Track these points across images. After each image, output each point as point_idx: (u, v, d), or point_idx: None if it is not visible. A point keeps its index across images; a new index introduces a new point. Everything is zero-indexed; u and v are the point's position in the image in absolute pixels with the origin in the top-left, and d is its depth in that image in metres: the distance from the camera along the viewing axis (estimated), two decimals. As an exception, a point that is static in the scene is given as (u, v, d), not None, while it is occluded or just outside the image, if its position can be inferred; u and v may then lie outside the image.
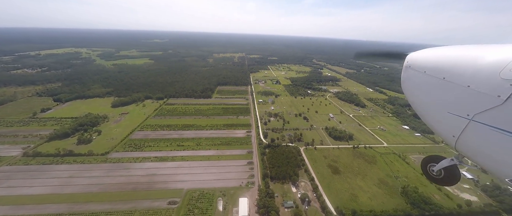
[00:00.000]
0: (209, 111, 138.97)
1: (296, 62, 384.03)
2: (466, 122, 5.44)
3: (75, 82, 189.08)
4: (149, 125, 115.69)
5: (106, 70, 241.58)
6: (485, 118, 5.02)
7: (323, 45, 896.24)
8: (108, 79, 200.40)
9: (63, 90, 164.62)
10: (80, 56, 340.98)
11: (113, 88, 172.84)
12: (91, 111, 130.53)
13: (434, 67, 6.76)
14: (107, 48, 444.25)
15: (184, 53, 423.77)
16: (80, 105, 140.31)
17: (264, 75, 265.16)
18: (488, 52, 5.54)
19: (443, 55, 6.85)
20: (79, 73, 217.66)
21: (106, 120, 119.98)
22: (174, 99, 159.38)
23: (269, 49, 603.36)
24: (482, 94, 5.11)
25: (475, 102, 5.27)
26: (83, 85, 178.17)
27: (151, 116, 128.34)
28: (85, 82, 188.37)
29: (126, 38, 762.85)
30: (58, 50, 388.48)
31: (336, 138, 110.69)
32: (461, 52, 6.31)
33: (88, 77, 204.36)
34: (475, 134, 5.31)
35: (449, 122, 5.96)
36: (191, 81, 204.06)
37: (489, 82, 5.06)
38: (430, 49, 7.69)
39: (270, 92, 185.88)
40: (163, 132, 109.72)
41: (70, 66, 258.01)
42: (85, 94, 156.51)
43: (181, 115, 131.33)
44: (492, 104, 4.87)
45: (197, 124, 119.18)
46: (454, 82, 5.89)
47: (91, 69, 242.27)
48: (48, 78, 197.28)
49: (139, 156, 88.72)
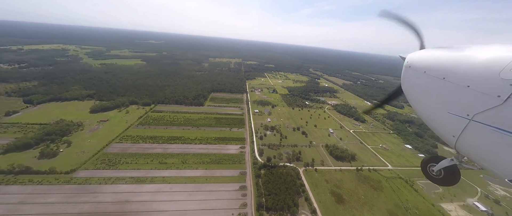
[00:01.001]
0: (200, 121, 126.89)
1: (293, 71, 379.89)
2: (466, 122, 5.42)
3: (53, 81, 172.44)
4: (130, 136, 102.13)
5: (91, 70, 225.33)
6: (485, 118, 5.00)
7: (319, 55, 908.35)
8: (92, 80, 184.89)
9: (37, 90, 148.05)
10: (66, 54, 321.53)
11: (95, 91, 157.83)
12: (64, 116, 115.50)
13: (434, 67, 6.76)
14: (97, 47, 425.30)
15: (179, 56, 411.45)
16: (54, 109, 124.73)
17: (260, 83, 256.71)
18: (488, 52, 5.49)
19: (443, 55, 6.78)
20: (61, 72, 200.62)
21: (80, 128, 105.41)
22: (163, 106, 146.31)
23: (266, 56, 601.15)
24: (482, 94, 5.10)
25: (475, 102, 5.26)
26: (62, 86, 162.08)
27: (133, 125, 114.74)
28: (65, 82, 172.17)
29: (120, 37, 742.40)
30: (44, 46, 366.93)
31: (337, 157, 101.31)
32: (461, 52, 6.24)
33: (70, 77, 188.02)
34: (475, 134, 5.29)
35: (449, 122, 5.95)
36: (183, 87, 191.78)
37: (489, 82, 5.05)
38: (430, 49, 7.62)
39: (267, 102, 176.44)
40: (145, 145, 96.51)
41: (52, 64, 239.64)
42: (62, 96, 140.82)
43: (168, 124, 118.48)
44: (492, 104, 4.86)
45: (185, 136, 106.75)
46: (454, 82, 5.89)
47: (75, 68, 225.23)
48: (24, 76, 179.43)
49: (112, 176, 75.17)
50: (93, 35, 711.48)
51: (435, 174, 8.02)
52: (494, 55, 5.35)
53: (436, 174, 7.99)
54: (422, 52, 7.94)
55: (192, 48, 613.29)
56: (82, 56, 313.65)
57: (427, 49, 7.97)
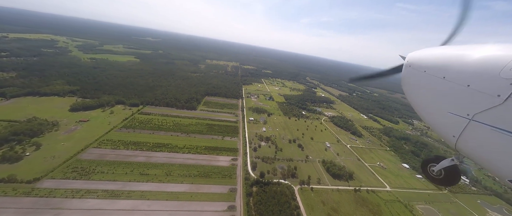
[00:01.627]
0: (190, 127, 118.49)
1: (290, 78, 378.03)
2: (466, 122, 5.41)
3: (34, 74, 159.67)
4: (111, 141, 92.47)
5: (79, 64, 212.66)
6: (485, 118, 4.99)
7: (315, 64, 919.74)
8: (78, 75, 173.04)
9: (14, 82, 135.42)
10: (55, 45, 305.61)
11: (79, 87, 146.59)
12: (39, 113, 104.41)
13: (434, 67, 6.73)
14: (90, 40, 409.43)
15: (175, 56, 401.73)
16: (28, 105, 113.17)
17: (257, 89, 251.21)
18: (488, 52, 5.47)
19: (443, 55, 6.76)
20: (44, 64, 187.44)
21: (54, 128, 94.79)
22: (152, 108, 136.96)
23: (264, 62, 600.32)
24: (482, 94, 5.09)
25: (475, 102, 5.25)
26: (43, 79, 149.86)
27: (117, 128, 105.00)
28: (47, 76, 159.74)
29: (115, 32, 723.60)
30: (32, 35, 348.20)
31: (334, 175, 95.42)
32: (461, 52, 6.20)
33: (54, 70, 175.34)
34: (475, 134, 5.27)
35: (449, 121, 5.93)
36: (176, 88, 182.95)
37: (489, 82, 5.04)
38: (430, 49, 7.55)
39: (263, 109, 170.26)
40: (126, 151, 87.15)
41: (37, 55, 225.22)
42: (40, 91, 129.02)
43: (155, 129, 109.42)
44: (492, 104, 4.85)
45: (173, 144, 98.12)
46: (454, 82, 5.88)
47: (61, 61, 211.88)
48: (3, 66, 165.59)
49: (82, 188, 65.63)
50: (86, 28, 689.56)
51: (435, 174, 7.94)
52: (494, 55, 5.27)
53: (436, 174, 7.91)
54: (423, 51, 7.82)
55: (190, 48, 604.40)
56: (71, 49, 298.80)
57: (427, 49, 7.85)
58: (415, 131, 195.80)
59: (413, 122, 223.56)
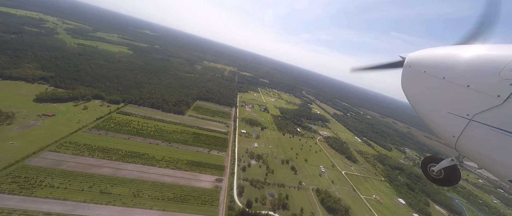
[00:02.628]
0: (174, 135, 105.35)
1: (287, 91, 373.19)
2: (466, 122, 5.41)
3: (6, 52, 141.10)
4: (74, 144, 77.71)
5: (63, 48, 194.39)
6: (485, 118, 5.01)
7: (312, 79, 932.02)
8: (57, 60, 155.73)
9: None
10: (42, 24, 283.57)
11: (55, 73, 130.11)
12: (3, 99, 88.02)
13: (434, 67, 6.75)
14: (83, 25, 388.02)
15: (172, 53, 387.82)
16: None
17: (252, 97, 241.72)
18: (488, 52, 5.47)
19: (443, 55, 6.77)
20: (21, 43, 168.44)
21: (7, 121, 78.75)
22: (134, 107, 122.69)
23: (262, 70, 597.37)
24: (482, 94, 5.10)
25: (475, 102, 5.26)
26: (13, 60, 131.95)
27: (87, 127, 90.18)
28: (20, 56, 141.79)
29: (113, 20, 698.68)
30: (19, 11, 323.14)
31: (329, 209, 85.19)
32: (461, 52, 6.22)
33: (31, 52, 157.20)
34: (475, 134, 5.28)
35: (449, 121, 5.93)
36: (166, 87, 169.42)
37: (488, 82, 5.05)
38: (430, 49, 7.60)
39: (257, 122, 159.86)
40: (90, 159, 72.75)
41: (18, 32, 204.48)
42: (5, 73, 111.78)
43: (132, 133, 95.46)
44: (492, 104, 4.86)
45: (150, 154, 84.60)
46: (454, 82, 5.88)
47: (43, 42, 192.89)
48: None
49: (17, 207, 50.94)
50: (82, 12, 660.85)
51: (435, 174, 7.94)
52: (494, 55, 5.27)
53: (436, 174, 7.91)
54: (422, 51, 7.86)
55: (188, 47, 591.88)
56: (60, 31, 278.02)
57: (427, 49, 7.85)
58: (407, 160, 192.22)
59: (405, 150, 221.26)
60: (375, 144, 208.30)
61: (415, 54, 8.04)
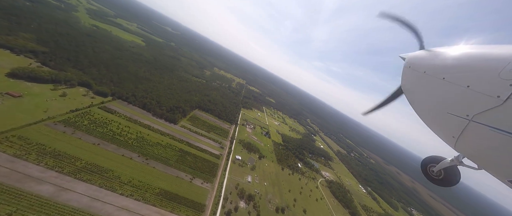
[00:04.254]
0: (156, 149, 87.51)
1: (291, 115, 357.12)
2: (465, 122, 5.39)
3: (9, 18, 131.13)
4: (24, 140, 60.55)
5: (74, 26, 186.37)
6: (485, 118, 4.99)
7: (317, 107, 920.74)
8: (59, 36, 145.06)
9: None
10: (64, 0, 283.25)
11: (49, 49, 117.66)
12: (-45, 65, 73.38)
13: (434, 67, 6.72)
14: (106, 9, 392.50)
15: (185, 53, 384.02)
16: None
17: (256, 117, 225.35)
18: (488, 52, 5.46)
19: (443, 55, 6.73)
20: (31, 12, 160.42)
21: (-47, 94, 63.00)
22: (122, 105, 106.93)
23: (269, 88, 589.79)
24: (482, 94, 5.09)
25: (474, 103, 5.24)
26: (9, 27, 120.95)
27: (53, 120, 73.63)
28: (21, 24, 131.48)
29: (138, 10, 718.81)
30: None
31: None
32: (461, 52, 6.20)
33: (35, 22, 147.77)
34: (474, 135, 5.27)
35: (448, 122, 5.90)
36: (166, 88, 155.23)
37: (488, 83, 5.03)
38: (430, 50, 7.57)
39: (255, 147, 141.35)
40: (33, 167, 54.90)
41: (35, 2, 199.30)
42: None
43: (106, 138, 78.14)
44: (492, 105, 4.84)
45: (115, 172, 66.31)
46: (454, 83, 5.86)
47: (55, 16, 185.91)
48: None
49: None
50: None
51: (435, 175, 7.89)
52: (494, 55, 5.24)
53: (436, 175, 7.86)
54: (422, 52, 7.78)
55: (202, 51, 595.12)
56: (80, 10, 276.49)
57: (427, 50, 7.74)
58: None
59: (412, 212, 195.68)
60: (380, 198, 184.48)
61: (415, 55, 8.02)
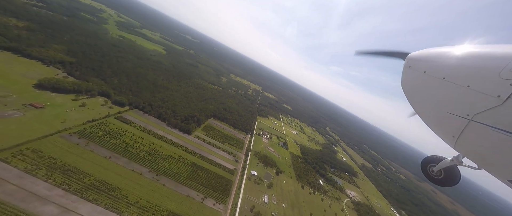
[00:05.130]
0: (168, 163, 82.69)
1: (310, 123, 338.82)
2: (466, 122, 5.41)
3: (45, 31, 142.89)
4: (37, 153, 59.26)
5: (102, 37, 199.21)
6: (485, 118, 5.01)
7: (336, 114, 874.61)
8: (88, 47, 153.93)
9: (9, 32, 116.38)
10: (98, 14, 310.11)
11: (76, 60, 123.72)
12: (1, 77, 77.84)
13: (434, 67, 6.73)
14: (133, 20, 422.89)
15: (203, 60, 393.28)
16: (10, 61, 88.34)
17: (272, 126, 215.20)
18: (488, 52, 5.45)
19: (443, 55, 6.72)
20: (64, 25, 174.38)
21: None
22: (138, 114, 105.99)
23: (286, 95, 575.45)
24: (482, 94, 5.11)
25: (475, 103, 5.26)
26: (45, 38, 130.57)
27: (68, 131, 73.01)
28: (55, 36, 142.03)
29: (162, 21, 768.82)
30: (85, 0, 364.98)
31: None
32: (461, 52, 6.20)
33: (68, 34, 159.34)
34: (475, 134, 5.29)
35: (448, 122, 5.93)
36: (182, 96, 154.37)
37: (488, 82, 5.04)
38: (430, 49, 7.59)
39: (272, 160, 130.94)
40: (41, 184, 52.40)
41: (71, 16, 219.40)
42: (26, 50, 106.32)
43: (118, 151, 75.33)
44: (492, 105, 4.86)
45: (124, 190, 61.85)
46: (454, 82, 5.86)
47: (86, 28, 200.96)
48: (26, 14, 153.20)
49: None
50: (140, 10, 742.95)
51: (435, 175, 7.90)
52: (494, 55, 5.24)
53: (436, 175, 7.87)
54: (422, 52, 7.79)
55: (220, 57, 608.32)
56: (110, 22, 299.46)
57: (427, 49, 7.77)
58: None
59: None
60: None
61: (415, 55, 7.98)
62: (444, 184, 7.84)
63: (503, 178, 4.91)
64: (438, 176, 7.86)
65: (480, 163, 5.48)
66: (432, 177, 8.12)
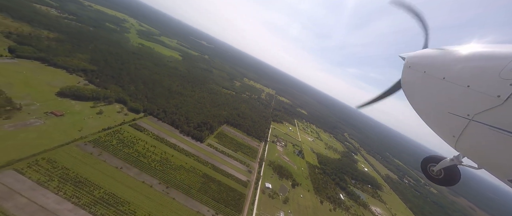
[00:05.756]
0: (179, 174, 79.42)
1: (326, 129, 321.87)
2: (466, 122, 5.42)
3: (72, 41, 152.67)
4: (52, 163, 59.10)
5: (123, 45, 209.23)
6: (485, 118, 5.02)
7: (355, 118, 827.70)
8: (109, 55, 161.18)
9: (39, 43, 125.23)
10: (121, 23, 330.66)
11: (97, 68, 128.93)
12: (19, 86, 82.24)
13: (434, 67, 6.76)
14: (153, 29, 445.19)
15: (217, 65, 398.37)
16: (23, 71, 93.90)
17: (286, 132, 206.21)
18: (488, 52, 5.49)
19: (443, 55, 6.77)
20: (90, 36, 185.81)
21: (5, 116, 67.61)
22: (152, 121, 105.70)
23: (301, 99, 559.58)
24: (482, 94, 5.12)
25: (475, 102, 5.28)
26: (71, 48, 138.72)
27: (84, 140, 73.29)
28: (81, 46, 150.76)
29: (179, 28, 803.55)
30: (110, 11, 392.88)
31: None
32: (461, 52, 6.23)
33: (92, 43, 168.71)
34: (475, 134, 5.29)
35: (449, 122, 5.95)
36: (196, 102, 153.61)
37: (489, 82, 5.06)
38: (430, 49, 7.58)
39: (287, 171, 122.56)
40: (51, 197, 51.31)
41: (97, 26, 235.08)
42: (52, 59, 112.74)
43: (130, 160, 73.76)
44: (492, 104, 4.88)
45: (133, 205, 59.04)
46: (454, 82, 5.89)
47: (110, 37, 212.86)
48: (57, 25, 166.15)
49: None
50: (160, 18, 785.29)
51: (435, 174, 7.90)
52: (494, 55, 5.24)
53: (436, 174, 7.87)
54: (422, 52, 7.79)
55: (233, 62, 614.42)
56: (132, 31, 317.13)
57: (427, 49, 7.75)
58: None
59: None
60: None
61: (415, 54, 7.98)
62: (444, 184, 7.76)
63: (503, 177, 4.87)
64: (438, 176, 7.82)
65: (480, 163, 5.47)
66: (432, 176, 8.08)
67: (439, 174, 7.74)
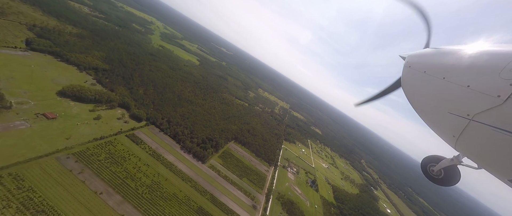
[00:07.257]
0: (168, 207, 65.42)
1: (342, 154, 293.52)
2: (466, 122, 5.42)
3: (93, 38, 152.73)
4: (19, 181, 48.39)
5: (143, 46, 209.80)
6: (485, 118, 5.01)
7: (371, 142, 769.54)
8: (125, 54, 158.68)
9: (59, 38, 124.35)
10: (147, 25, 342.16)
11: (110, 67, 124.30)
12: (23, 80, 76.30)
13: (434, 67, 6.74)
14: (177, 33, 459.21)
15: (233, 72, 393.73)
16: (32, 65, 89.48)
17: (299, 155, 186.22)
18: (488, 52, 5.49)
19: (443, 55, 6.78)
20: (113, 35, 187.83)
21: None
22: (153, 132, 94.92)
23: (315, 115, 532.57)
24: (482, 94, 5.12)
25: (475, 102, 5.27)
26: (90, 45, 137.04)
27: (68, 151, 63.09)
28: (100, 43, 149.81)
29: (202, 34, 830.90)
30: (139, 13, 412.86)
31: None
32: (461, 52, 6.23)
33: (112, 42, 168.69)
34: (475, 134, 5.29)
35: (449, 121, 5.94)
36: (205, 113, 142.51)
37: (489, 82, 5.07)
38: (430, 49, 7.60)
39: (298, 209, 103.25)
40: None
41: (123, 26, 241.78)
42: (66, 55, 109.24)
43: (114, 184, 61.63)
44: (492, 104, 4.88)
45: (100, 252, 45.42)
46: (454, 82, 5.88)
47: (132, 37, 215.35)
48: (84, 22, 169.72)
49: None
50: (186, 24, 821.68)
51: (435, 174, 7.93)
52: (494, 55, 5.28)
53: (436, 174, 7.90)
54: (422, 52, 7.83)
55: (250, 70, 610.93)
56: (156, 33, 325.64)
57: (427, 49, 7.79)
58: None
59: None
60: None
61: (415, 54, 7.98)
62: (444, 184, 7.64)
63: (503, 177, 4.87)
64: (438, 176, 7.78)
65: (480, 163, 5.45)
66: (432, 176, 8.01)
67: (439, 174, 7.69)
